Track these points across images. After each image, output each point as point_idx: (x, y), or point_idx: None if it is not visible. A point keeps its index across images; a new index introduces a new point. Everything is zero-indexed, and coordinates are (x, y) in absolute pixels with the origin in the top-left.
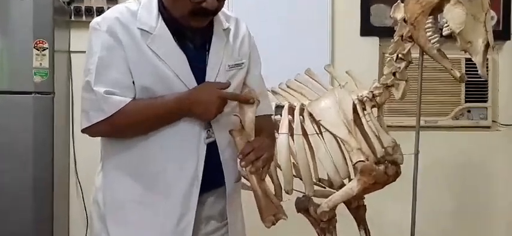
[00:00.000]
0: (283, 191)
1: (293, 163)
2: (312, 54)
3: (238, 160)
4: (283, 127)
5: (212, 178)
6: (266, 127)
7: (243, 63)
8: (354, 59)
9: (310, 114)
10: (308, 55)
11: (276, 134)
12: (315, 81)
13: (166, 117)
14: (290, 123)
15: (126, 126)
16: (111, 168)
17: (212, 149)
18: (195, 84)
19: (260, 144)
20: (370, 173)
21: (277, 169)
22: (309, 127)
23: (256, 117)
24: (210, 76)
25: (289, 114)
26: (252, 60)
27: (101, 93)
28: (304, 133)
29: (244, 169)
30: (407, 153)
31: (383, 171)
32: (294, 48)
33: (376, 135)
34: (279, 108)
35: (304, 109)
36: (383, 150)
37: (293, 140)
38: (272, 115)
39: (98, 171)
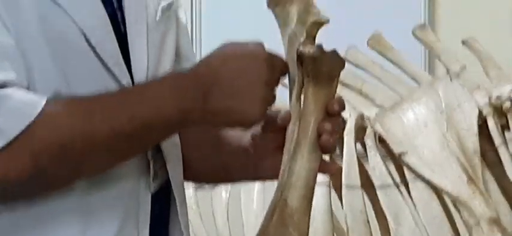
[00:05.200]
0: None
1: None
2: (388, 4)
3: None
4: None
5: None
6: None
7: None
8: (476, 16)
9: (381, 139)
10: (379, 8)
11: None
12: (392, 61)
13: (152, 136)
14: (333, 159)
15: (59, 162)
16: None
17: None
18: (118, 54)
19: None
20: None
21: None
22: (379, 169)
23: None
24: (134, 35)
25: None
26: None
27: None
28: (367, 185)
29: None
30: None
31: None
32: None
33: None
34: None
35: (365, 127)
36: None
37: (340, 198)
38: None
39: None
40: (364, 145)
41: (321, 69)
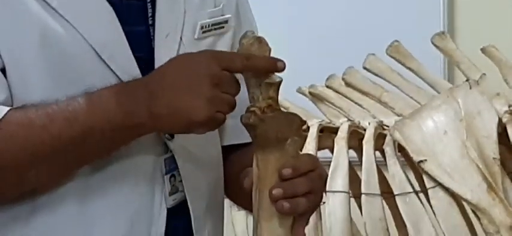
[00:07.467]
0: None
1: None
2: (407, 12)
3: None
4: (338, 178)
5: None
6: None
7: (226, 22)
8: (495, 24)
9: (400, 147)
10: (398, 16)
11: None
12: (411, 69)
13: (97, 142)
14: (352, 167)
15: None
16: None
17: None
18: (135, 68)
19: (311, 167)
20: None
21: None
22: (399, 177)
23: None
24: (163, 51)
25: (349, 144)
26: (243, 18)
27: None
28: (387, 193)
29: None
30: None
31: None
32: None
33: None
34: (324, 130)
35: (384, 134)
36: None
37: (360, 207)
38: None
39: None
40: (383, 153)
41: (266, 134)
